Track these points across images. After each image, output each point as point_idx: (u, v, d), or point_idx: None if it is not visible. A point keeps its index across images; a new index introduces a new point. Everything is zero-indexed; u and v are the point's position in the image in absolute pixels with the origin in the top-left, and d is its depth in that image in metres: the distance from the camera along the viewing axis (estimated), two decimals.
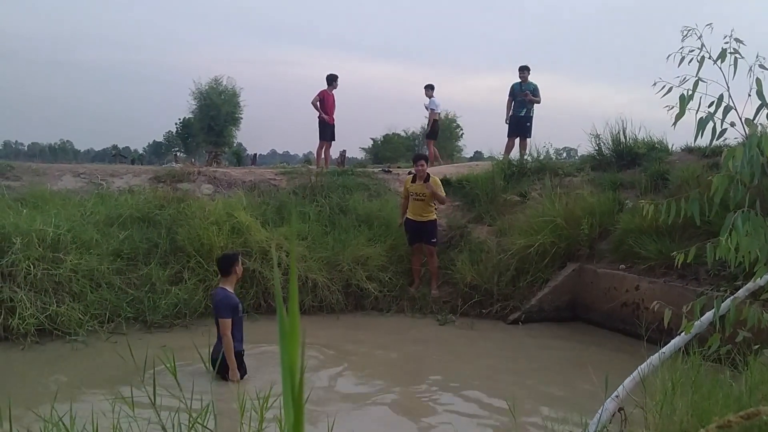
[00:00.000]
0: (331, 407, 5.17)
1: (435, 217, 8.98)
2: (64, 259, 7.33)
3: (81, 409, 4.14)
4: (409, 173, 9.77)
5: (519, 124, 12.38)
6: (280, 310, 0.49)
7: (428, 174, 9.04)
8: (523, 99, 12.21)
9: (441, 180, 9.47)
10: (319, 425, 4.52)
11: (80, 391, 5.35)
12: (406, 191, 9.20)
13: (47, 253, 7.30)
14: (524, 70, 12.32)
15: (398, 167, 13.85)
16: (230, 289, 5.88)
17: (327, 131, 12.76)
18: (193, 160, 26.77)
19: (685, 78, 3.29)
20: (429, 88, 13.66)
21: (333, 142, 13.19)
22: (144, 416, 2.53)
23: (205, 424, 2.40)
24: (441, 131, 41.95)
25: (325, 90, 12.62)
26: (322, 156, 13.08)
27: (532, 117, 12.43)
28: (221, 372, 5.60)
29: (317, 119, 12.65)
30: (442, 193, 9.00)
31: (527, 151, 11.90)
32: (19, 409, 4.52)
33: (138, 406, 2.46)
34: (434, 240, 8.94)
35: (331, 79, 12.64)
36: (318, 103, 12.52)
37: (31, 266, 7.07)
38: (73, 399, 4.98)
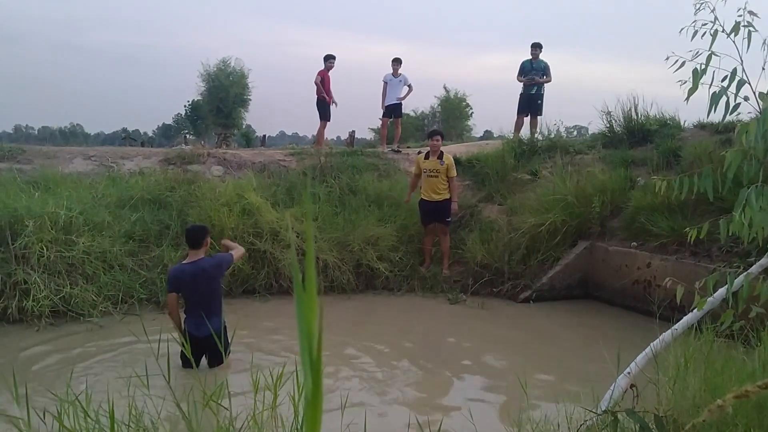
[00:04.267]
0: (341, 383, 5.22)
1: (449, 195, 8.94)
2: (77, 242, 7.40)
3: (96, 388, 4.20)
4: (419, 152, 9.74)
5: (529, 102, 12.26)
6: (297, 278, 0.49)
7: (442, 151, 9.00)
8: (533, 78, 12.07)
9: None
10: (333, 401, 4.55)
11: (95, 371, 5.42)
12: (419, 168, 9.15)
13: (60, 235, 7.36)
14: (536, 47, 12.13)
15: (408, 147, 13.78)
16: None
17: (328, 111, 12.71)
18: (202, 142, 26.76)
19: (698, 52, 3.26)
20: (397, 62, 12.76)
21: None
22: (159, 395, 2.56)
23: (219, 402, 2.43)
24: (450, 110, 42.13)
25: (323, 70, 12.54)
26: (326, 137, 13.07)
27: (542, 95, 12.30)
28: (219, 357, 5.27)
29: (318, 99, 12.59)
30: (454, 172, 8.95)
31: (538, 129, 11.82)
32: (35, 389, 4.59)
33: (153, 385, 2.48)
34: (449, 219, 8.93)
35: (326, 59, 12.53)
36: (321, 82, 12.46)
37: (44, 248, 7.14)
38: (89, 379, 5.05)
